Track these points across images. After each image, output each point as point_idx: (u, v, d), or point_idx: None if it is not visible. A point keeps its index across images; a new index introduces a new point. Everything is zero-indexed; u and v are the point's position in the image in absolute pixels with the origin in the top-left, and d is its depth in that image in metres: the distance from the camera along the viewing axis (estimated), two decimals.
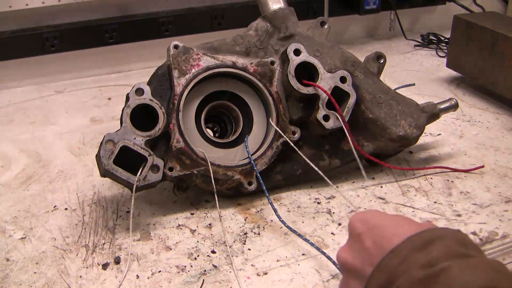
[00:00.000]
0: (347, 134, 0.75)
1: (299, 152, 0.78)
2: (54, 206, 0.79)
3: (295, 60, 0.78)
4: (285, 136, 0.77)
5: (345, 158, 0.82)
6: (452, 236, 0.45)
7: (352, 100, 0.79)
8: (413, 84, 1.05)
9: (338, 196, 0.80)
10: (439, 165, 0.86)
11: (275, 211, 0.73)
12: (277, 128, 0.77)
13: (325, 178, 0.75)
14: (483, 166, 0.86)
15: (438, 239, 0.44)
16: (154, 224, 0.75)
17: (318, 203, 0.79)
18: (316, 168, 0.76)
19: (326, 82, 0.79)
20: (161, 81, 0.76)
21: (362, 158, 0.84)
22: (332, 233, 0.72)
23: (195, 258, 0.68)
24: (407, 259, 0.43)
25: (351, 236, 0.52)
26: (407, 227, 0.48)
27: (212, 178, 0.74)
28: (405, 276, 0.43)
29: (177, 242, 0.71)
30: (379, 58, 0.86)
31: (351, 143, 0.74)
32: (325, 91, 0.77)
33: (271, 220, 0.75)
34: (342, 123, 0.77)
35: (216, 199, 0.74)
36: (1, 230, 0.74)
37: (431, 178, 0.83)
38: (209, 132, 0.80)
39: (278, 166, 0.79)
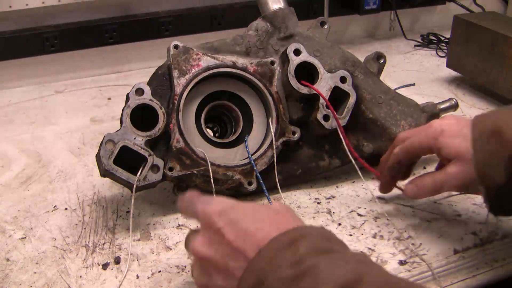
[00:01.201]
0: (342, 138, 0.75)
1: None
2: (54, 206, 0.79)
3: (295, 60, 0.78)
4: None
5: (345, 158, 0.82)
6: (316, 233, 0.48)
7: (352, 100, 0.79)
8: (413, 84, 1.05)
9: (338, 196, 0.80)
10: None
11: None
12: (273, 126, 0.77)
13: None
14: None
15: (303, 237, 0.47)
16: (154, 224, 0.75)
17: (318, 203, 0.79)
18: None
19: (326, 82, 0.79)
20: (161, 81, 0.76)
21: (362, 158, 0.84)
22: None
23: None
24: (275, 259, 0.46)
25: (208, 230, 0.52)
26: (267, 219, 0.51)
27: (212, 178, 0.74)
28: (274, 275, 0.45)
29: (177, 242, 0.71)
30: (379, 58, 0.86)
31: (345, 146, 0.74)
32: (320, 94, 0.77)
33: None
34: (338, 127, 0.76)
35: None
36: (1, 230, 0.74)
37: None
38: (209, 132, 0.80)
39: (278, 166, 0.79)
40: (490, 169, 0.58)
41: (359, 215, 0.76)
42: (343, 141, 0.74)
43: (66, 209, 0.78)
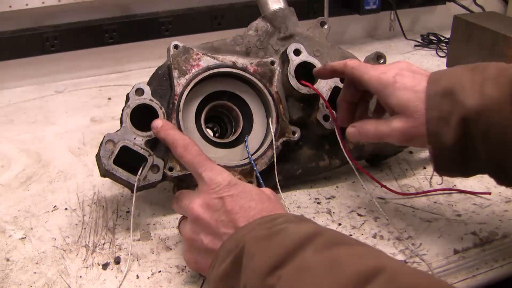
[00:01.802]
0: (339, 139, 0.75)
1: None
2: (54, 206, 0.79)
3: (295, 60, 0.78)
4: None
5: (345, 158, 0.81)
6: (293, 215, 0.56)
7: None
8: None
9: (338, 196, 0.80)
10: (444, 187, 0.81)
11: None
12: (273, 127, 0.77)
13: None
14: (489, 193, 0.79)
15: (283, 215, 0.54)
16: (154, 224, 0.75)
17: (318, 203, 0.79)
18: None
19: (326, 82, 0.79)
20: (161, 81, 0.76)
21: (363, 158, 0.84)
22: None
23: None
24: (255, 228, 0.53)
25: (211, 194, 0.58)
26: (261, 202, 0.57)
27: None
28: (250, 235, 0.52)
29: (177, 242, 0.71)
30: (379, 58, 0.85)
31: (342, 148, 0.74)
32: (320, 95, 0.77)
33: None
34: (335, 128, 0.76)
35: None
36: (1, 230, 0.74)
37: (431, 178, 0.83)
38: (209, 132, 0.80)
39: (278, 166, 0.79)
40: (441, 128, 0.58)
41: (359, 215, 0.76)
42: (340, 142, 0.74)
43: (66, 209, 0.78)
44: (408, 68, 0.65)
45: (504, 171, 0.59)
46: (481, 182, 0.82)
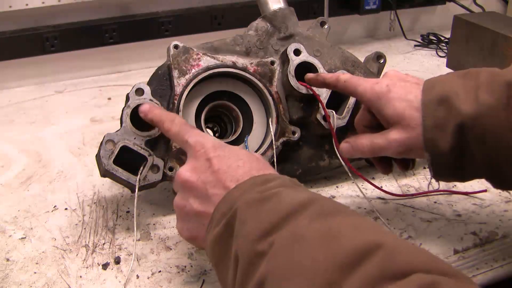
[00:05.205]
0: (334, 142, 0.75)
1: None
2: (54, 206, 0.79)
3: (295, 60, 0.78)
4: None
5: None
6: (288, 178, 0.54)
7: (352, 100, 0.79)
8: None
9: (338, 196, 0.80)
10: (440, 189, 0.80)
11: None
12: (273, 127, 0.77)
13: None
14: (485, 191, 0.79)
15: (276, 178, 0.53)
16: (154, 224, 0.75)
17: None
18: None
19: None
20: (161, 81, 0.76)
21: (362, 158, 0.84)
22: None
23: (195, 258, 0.68)
24: (247, 190, 0.51)
25: (197, 158, 0.58)
26: (249, 162, 0.56)
27: None
28: (243, 198, 0.50)
29: (177, 242, 0.71)
30: (379, 58, 0.86)
31: (336, 151, 0.74)
32: (317, 96, 0.77)
33: None
34: (330, 130, 0.76)
35: None
36: (1, 230, 0.74)
37: (431, 178, 0.83)
38: (209, 132, 0.80)
39: (278, 166, 0.79)
40: (437, 136, 0.58)
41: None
42: (334, 144, 0.74)
43: (66, 209, 0.78)
44: (397, 77, 0.65)
45: (500, 175, 0.59)
46: (481, 181, 0.82)
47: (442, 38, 1.46)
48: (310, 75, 0.76)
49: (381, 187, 0.81)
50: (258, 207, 0.49)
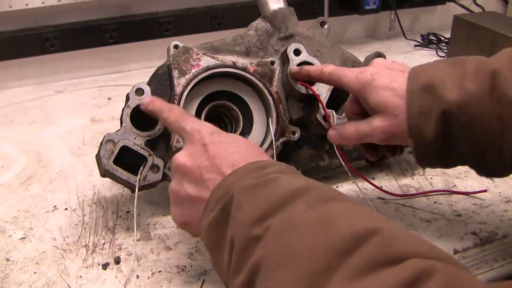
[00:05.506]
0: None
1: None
2: (54, 206, 0.79)
3: (295, 60, 0.78)
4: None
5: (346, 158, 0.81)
6: (285, 165, 0.54)
7: None
8: None
9: None
10: (439, 189, 0.81)
11: None
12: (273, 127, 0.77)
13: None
14: (485, 191, 0.79)
15: (273, 164, 0.53)
16: (154, 224, 0.75)
17: None
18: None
19: None
20: (161, 81, 0.76)
21: (362, 158, 0.84)
22: None
23: (195, 258, 0.68)
24: (244, 176, 0.51)
25: (193, 144, 0.57)
26: (245, 148, 0.56)
27: None
28: (239, 183, 0.50)
29: (177, 242, 0.71)
30: (379, 58, 0.85)
31: (336, 151, 0.74)
32: (316, 96, 0.77)
33: None
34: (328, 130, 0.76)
35: None
36: (1, 230, 0.74)
37: (431, 178, 0.84)
38: None
39: None
40: (422, 123, 0.58)
41: None
42: (334, 144, 0.74)
43: (66, 209, 0.78)
44: (383, 65, 0.65)
45: (484, 162, 0.59)
46: (481, 181, 0.82)
47: (442, 38, 1.46)
48: (294, 69, 0.76)
49: (381, 187, 0.81)
50: (255, 192, 0.48)
